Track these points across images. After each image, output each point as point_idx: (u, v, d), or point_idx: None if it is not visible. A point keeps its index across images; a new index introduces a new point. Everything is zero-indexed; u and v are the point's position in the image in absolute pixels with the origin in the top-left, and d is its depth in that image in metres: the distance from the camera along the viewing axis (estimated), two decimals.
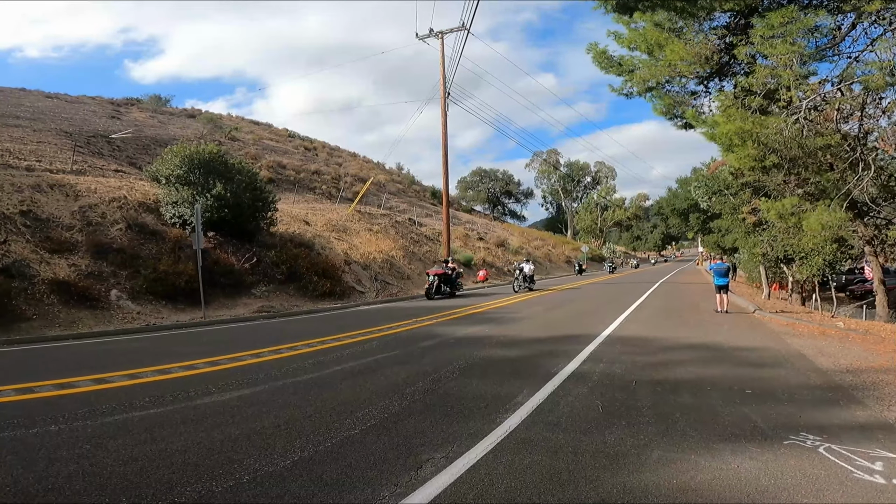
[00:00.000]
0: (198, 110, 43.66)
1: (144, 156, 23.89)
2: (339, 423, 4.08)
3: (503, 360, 6.61)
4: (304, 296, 15.01)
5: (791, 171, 10.15)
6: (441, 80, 21.79)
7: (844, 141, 9.16)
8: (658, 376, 5.61)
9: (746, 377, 5.59)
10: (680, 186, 43.91)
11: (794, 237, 14.27)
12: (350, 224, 24.09)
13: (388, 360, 6.67)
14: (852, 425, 3.97)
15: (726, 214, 23.64)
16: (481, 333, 8.96)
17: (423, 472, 3.14)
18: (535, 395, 4.83)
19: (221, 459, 3.35)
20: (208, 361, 6.50)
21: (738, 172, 16.35)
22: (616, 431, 3.82)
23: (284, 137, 45.03)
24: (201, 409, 4.47)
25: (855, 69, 8.35)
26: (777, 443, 3.57)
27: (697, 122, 10.19)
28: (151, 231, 13.65)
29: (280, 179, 30.72)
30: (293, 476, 3.10)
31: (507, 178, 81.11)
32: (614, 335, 8.60)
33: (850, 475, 3.05)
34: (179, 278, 11.98)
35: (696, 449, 3.47)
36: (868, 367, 6.08)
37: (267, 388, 5.20)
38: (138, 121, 32.32)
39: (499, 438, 3.68)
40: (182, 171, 14.40)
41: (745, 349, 7.41)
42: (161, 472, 3.16)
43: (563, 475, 3.07)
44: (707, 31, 9.37)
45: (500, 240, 38.34)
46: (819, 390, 5.06)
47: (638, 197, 79.31)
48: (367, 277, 19.01)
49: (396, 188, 45.44)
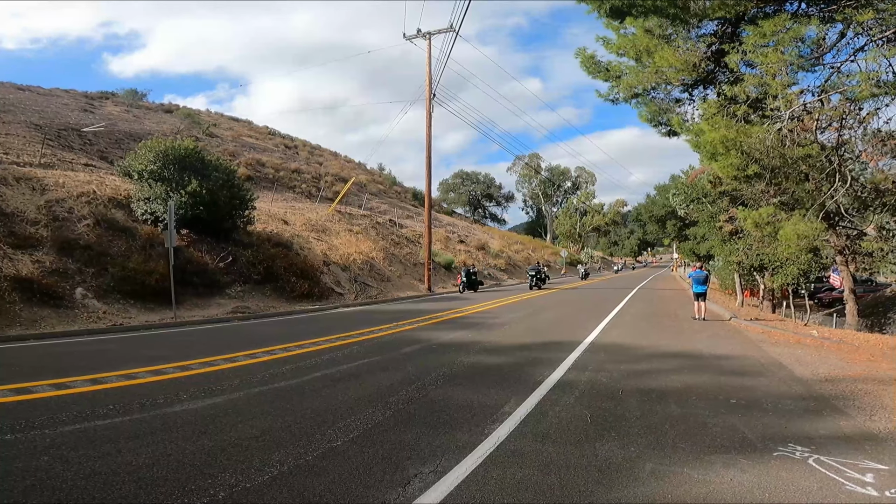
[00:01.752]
0: (175, 105, 42.63)
1: (117, 150, 23.17)
2: (320, 433, 3.89)
3: (488, 368, 6.50)
4: (281, 297, 14.64)
5: (771, 180, 10.34)
6: (427, 81, 21.66)
7: (822, 151, 9.37)
8: (644, 385, 5.57)
9: (730, 386, 5.60)
10: (658, 193, 44.70)
11: (770, 246, 14.59)
12: (330, 224, 23.72)
13: (370, 366, 6.48)
14: (839, 436, 3.97)
15: (703, 222, 24.08)
16: (465, 339, 8.84)
17: (412, 488, 2.99)
18: (523, 404, 4.72)
19: (193, 473, 3.13)
20: (179, 366, 6.20)
21: (717, 181, 16.66)
22: (606, 443, 3.73)
23: (265, 135, 44.29)
24: (171, 417, 4.22)
25: (838, 80, 8.53)
26: (767, 454, 3.54)
27: (682, 130, 10.31)
28: (121, 227, 13.11)
29: (259, 177, 30.14)
30: (272, 492, 2.92)
31: (489, 181, 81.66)
32: (597, 342, 8.59)
33: (842, 488, 3.03)
34: (150, 277, 11.52)
35: (688, 461, 3.40)
36: (846, 376, 6.16)
37: (243, 395, 4.96)
38: (112, 115, 31.34)
39: (488, 451, 3.55)
40: (156, 167, 13.93)
41: (726, 357, 7.47)
42: (127, 487, 2.93)
43: (556, 491, 2.95)
44: (695, 39, 9.48)
45: (481, 243, 38.37)
46: (802, 400, 5.08)
47: (616, 203, 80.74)
48: (346, 279, 18.71)
49: (378, 189, 45.11)
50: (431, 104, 21.71)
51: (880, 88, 7.75)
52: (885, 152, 9.97)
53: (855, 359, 7.42)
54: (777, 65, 7.70)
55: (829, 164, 9.59)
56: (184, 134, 27.25)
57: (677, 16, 8.53)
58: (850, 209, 11.35)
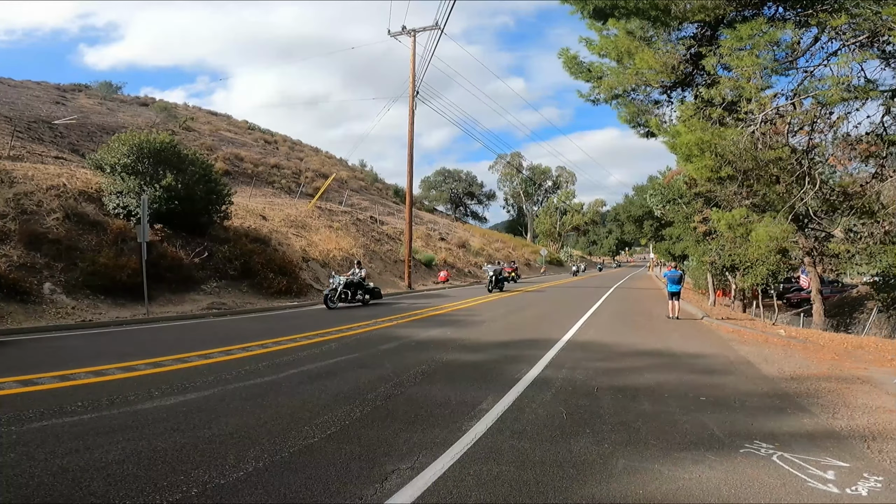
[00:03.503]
0: (151, 99, 41.64)
1: (89, 143, 22.54)
2: (296, 430, 3.86)
3: (466, 365, 6.53)
4: (258, 293, 14.43)
5: (744, 182, 10.62)
6: (411, 78, 21.57)
7: (793, 154, 9.65)
8: (618, 383, 5.67)
9: (700, 384, 5.74)
10: (636, 194, 45.44)
11: (742, 247, 14.99)
12: (310, 220, 23.46)
13: (347, 363, 6.44)
14: (801, 433, 4.10)
15: (678, 223, 24.59)
16: (443, 336, 8.86)
17: (389, 484, 2.99)
18: (500, 401, 4.76)
19: (165, 470, 3.08)
20: (151, 362, 6.07)
21: (692, 182, 17.03)
22: (581, 440, 3.80)
23: (244, 129, 43.55)
24: (142, 414, 4.13)
25: (810, 84, 8.78)
26: (734, 451, 3.64)
27: (660, 131, 10.50)
28: (92, 221, 12.73)
29: (237, 172, 29.63)
30: (247, 489, 2.88)
31: (471, 179, 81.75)
32: (574, 340, 8.71)
33: (804, 484, 3.12)
34: (121, 272, 11.22)
35: (659, 458, 3.48)
36: (810, 375, 6.38)
37: (217, 392, 4.88)
38: (85, 107, 30.45)
39: (465, 448, 3.57)
40: (129, 160, 13.59)
41: (697, 356, 7.65)
42: (96, 484, 2.87)
43: (532, 487, 2.99)
44: (675, 42, 9.65)
45: (462, 240, 38.46)
46: (767, 398, 5.23)
47: (595, 203, 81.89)
48: (325, 275, 18.54)
49: (359, 185, 44.80)
50: (415, 101, 21.63)
51: (850, 93, 8.00)
52: (854, 156, 10.33)
53: (820, 358, 7.68)
54: (752, 68, 7.90)
55: (800, 167, 9.90)
56: (160, 127, 26.58)
57: (658, 18, 8.68)
58: (819, 212, 11.74)
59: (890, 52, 8.36)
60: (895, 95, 8.66)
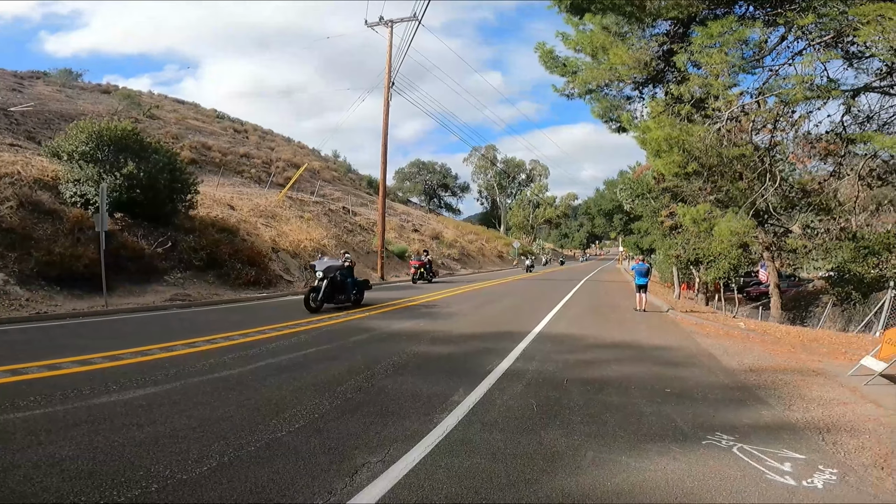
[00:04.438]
0: (114, 86, 39.76)
1: (46, 131, 21.48)
2: (263, 424, 3.76)
3: (438, 357, 6.52)
4: (225, 284, 14.04)
5: (709, 178, 10.92)
6: (387, 69, 21.24)
7: (756, 152, 9.96)
8: (587, 375, 5.76)
9: (665, 376, 5.88)
10: (607, 188, 46.38)
11: (705, 241, 15.47)
12: (280, 210, 22.95)
13: (317, 355, 6.34)
14: (760, 425, 4.23)
15: (647, 217, 25.18)
16: (415, 328, 8.82)
17: (359, 477, 2.96)
18: (472, 393, 4.77)
19: (124, 466, 2.96)
20: (108, 356, 5.81)
21: (661, 177, 17.42)
22: (551, 432, 3.83)
23: (212, 118, 42.17)
24: (98, 409, 3.96)
25: (774, 83, 9.05)
26: (696, 443, 3.73)
27: (631, 127, 10.68)
28: (47, 210, 12.11)
29: (204, 161, 28.73)
30: (212, 483, 2.80)
31: (445, 171, 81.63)
32: (545, 333, 8.81)
33: (763, 476, 3.20)
34: (78, 262, 10.71)
35: (626, 450, 3.54)
36: (768, 368, 6.62)
37: (179, 385, 4.72)
38: (43, 95, 28.95)
39: (437, 440, 3.56)
40: (88, 148, 13.04)
41: (662, 348, 7.85)
42: (49, 480, 2.74)
43: (503, 479, 3.00)
44: (648, 38, 9.79)
45: (435, 232, 38.38)
46: (728, 390, 5.39)
47: (567, 196, 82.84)
48: (296, 266, 18.20)
49: (332, 176, 44.08)
50: (390, 93, 21.34)
51: (812, 92, 8.28)
52: (813, 154, 10.74)
53: (777, 350, 7.98)
54: (720, 66, 8.08)
55: (762, 165, 10.24)
56: (122, 115, 25.43)
57: (633, 14, 8.77)
58: (779, 208, 12.20)
59: (853, 52, 8.68)
60: (856, 95, 9.02)
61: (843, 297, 14.30)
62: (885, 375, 5.87)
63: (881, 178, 11.43)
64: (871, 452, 3.66)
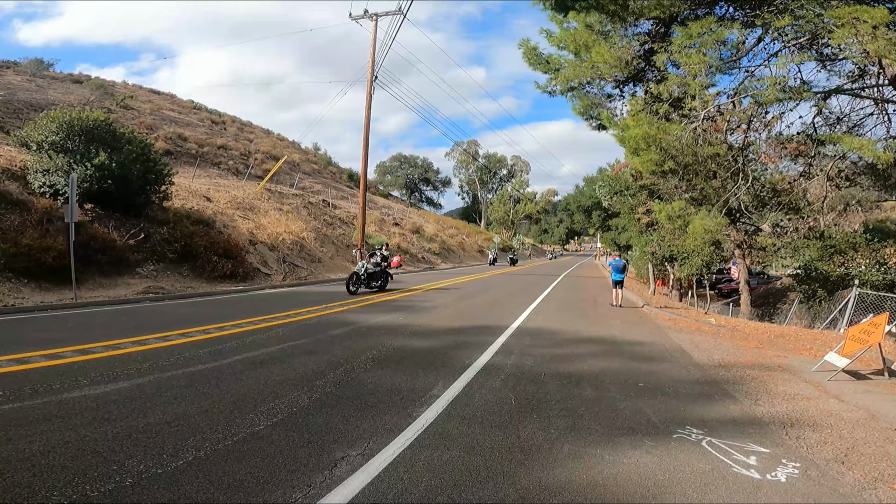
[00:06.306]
0: (87, 76, 38.33)
1: (15, 121, 20.70)
2: (241, 418, 3.73)
3: (417, 351, 6.53)
4: (200, 277, 13.78)
5: (684, 176, 11.16)
6: (370, 62, 20.99)
7: (730, 151, 10.22)
8: (564, 369, 5.85)
9: (638, 371, 6.00)
10: (586, 185, 46.88)
11: (679, 238, 15.82)
12: (258, 203, 22.58)
13: (295, 348, 6.28)
14: (727, 419, 4.34)
15: (624, 214, 25.60)
16: (395, 322, 8.81)
17: (339, 470, 2.96)
18: (451, 387, 4.80)
19: (96, 461, 2.91)
20: (78, 349, 5.66)
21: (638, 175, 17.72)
22: (528, 426, 3.89)
23: (189, 109, 41.09)
24: (69, 404, 3.86)
25: (749, 84, 9.28)
26: (668, 437, 3.82)
27: (610, 125, 10.82)
28: (15, 201, 11.69)
29: (180, 152, 28.04)
30: (187, 478, 2.77)
31: (427, 165, 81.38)
32: (523, 327, 8.90)
33: (730, 469, 3.29)
34: (46, 254, 10.37)
35: (601, 443, 3.61)
36: (736, 363, 6.79)
37: (153, 379, 4.63)
38: (12, 84, 27.84)
39: (416, 434, 3.58)
40: (58, 138, 12.66)
41: (636, 343, 8.00)
42: (20, 475, 2.68)
43: (482, 472, 3.04)
44: (631, 37, 9.91)
45: (416, 226, 38.30)
46: (698, 384, 5.52)
47: (547, 192, 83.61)
48: (273, 259, 17.95)
49: (312, 168, 43.52)
50: (373, 87, 21.13)
51: (786, 93, 8.51)
52: (784, 155, 11.07)
53: (745, 346, 8.21)
54: (699, 66, 8.25)
55: (735, 164, 10.51)
56: (94, 105, 24.61)
57: (616, 13, 8.87)
58: (750, 207, 12.55)
59: (827, 54, 8.95)
60: (827, 97, 9.31)
61: (810, 294, 14.81)
62: (848, 371, 6.11)
63: (849, 178, 11.86)
64: (832, 447, 3.78)
